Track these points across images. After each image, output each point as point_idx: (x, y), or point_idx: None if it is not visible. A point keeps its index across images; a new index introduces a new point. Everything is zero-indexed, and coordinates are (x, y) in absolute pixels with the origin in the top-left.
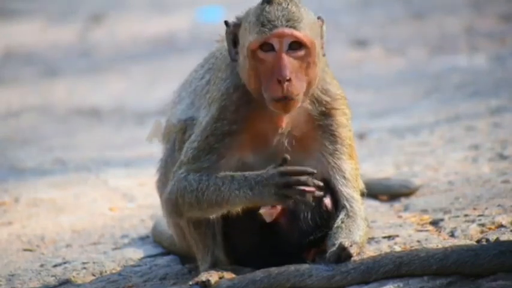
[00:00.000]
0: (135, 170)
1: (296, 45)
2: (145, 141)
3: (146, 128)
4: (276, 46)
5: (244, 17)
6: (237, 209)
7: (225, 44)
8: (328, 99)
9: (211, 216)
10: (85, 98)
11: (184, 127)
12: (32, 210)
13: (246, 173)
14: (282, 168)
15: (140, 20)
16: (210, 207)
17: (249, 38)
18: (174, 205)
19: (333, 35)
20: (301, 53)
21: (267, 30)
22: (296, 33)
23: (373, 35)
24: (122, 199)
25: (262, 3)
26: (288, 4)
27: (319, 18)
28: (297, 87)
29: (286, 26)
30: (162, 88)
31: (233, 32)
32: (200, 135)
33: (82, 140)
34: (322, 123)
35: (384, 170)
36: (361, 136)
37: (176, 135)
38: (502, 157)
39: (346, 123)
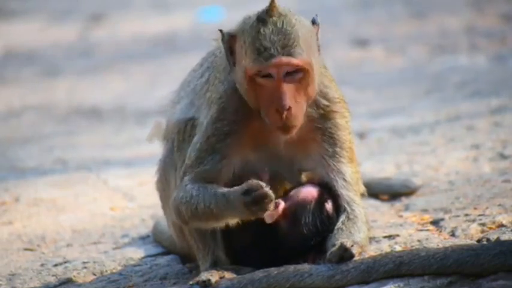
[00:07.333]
0: (135, 169)
1: (294, 70)
2: (146, 141)
3: (146, 128)
4: (274, 74)
5: (239, 31)
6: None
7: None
8: (326, 102)
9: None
10: (85, 97)
11: (184, 127)
12: (33, 210)
13: (226, 192)
14: (245, 187)
15: (141, 19)
16: (207, 222)
17: (245, 62)
18: (178, 213)
19: (333, 35)
20: (299, 75)
21: (263, 60)
22: (293, 61)
23: (374, 34)
24: (123, 199)
25: (256, 23)
26: (283, 23)
27: (313, 22)
28: (297, 113)
29: (283, 54)
30: (162, 88)
31: (229, 43)
32: (202, 136)
33: (82, 140)
34: (321, 125)
35: (384, 169)
36: (361, 136)
37: (175, 136)
38: (503, 157)
39: (345, 126)
